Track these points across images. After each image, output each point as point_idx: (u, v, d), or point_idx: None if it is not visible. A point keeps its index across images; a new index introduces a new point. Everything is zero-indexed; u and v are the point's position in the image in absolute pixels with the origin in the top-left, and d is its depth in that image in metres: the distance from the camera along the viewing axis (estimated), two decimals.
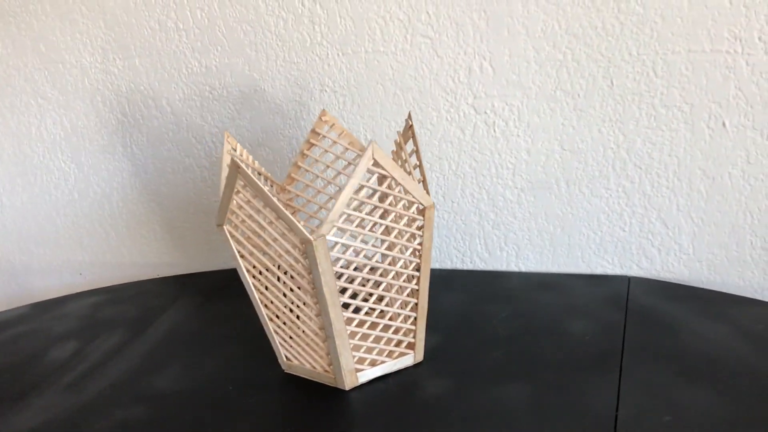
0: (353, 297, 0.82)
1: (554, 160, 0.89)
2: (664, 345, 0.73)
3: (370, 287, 0.69)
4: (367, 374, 0.71)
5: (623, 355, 0.72)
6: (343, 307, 0.67)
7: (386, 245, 0.68)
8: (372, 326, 0.73)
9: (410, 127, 0.71)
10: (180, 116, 1.04)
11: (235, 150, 0.75)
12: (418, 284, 0.71)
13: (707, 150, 0.82)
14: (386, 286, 0.70)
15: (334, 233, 0.61)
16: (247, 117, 1.01)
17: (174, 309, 0.96)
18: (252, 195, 0.65)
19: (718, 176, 0.83)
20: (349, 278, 0.70)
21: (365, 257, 0.72)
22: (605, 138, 0.86)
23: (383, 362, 0.72)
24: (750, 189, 0.82)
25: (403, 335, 0.72)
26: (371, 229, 0.67)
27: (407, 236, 0.69)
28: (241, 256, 0.70)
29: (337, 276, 0.65)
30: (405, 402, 0.68)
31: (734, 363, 0.68)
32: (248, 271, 0.70)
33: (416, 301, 0.71)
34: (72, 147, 1.12)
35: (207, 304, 0.96)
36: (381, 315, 0.72)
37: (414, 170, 0.71)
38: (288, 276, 0.69)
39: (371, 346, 0.70)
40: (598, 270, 0.92)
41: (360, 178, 0.62)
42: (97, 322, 0.95)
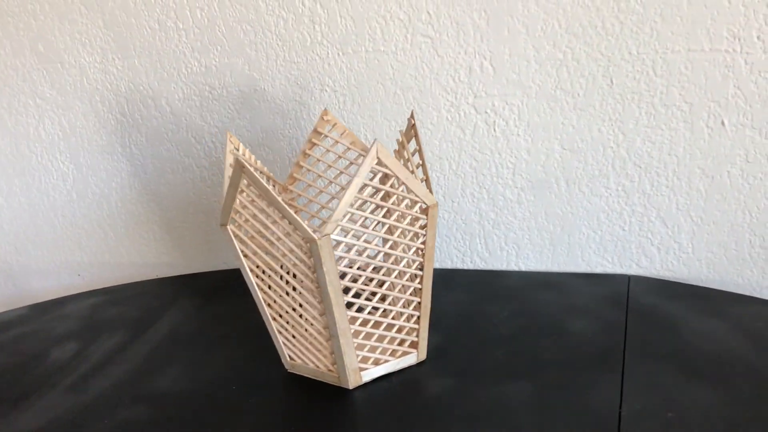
0: (357, 296, 0.82)
1: (554, 160, 0.89)
2: (665, 343, 0.73)
3: (374, 286, 0.69)
4: (371, 373, 0.71)
5: (625, 353, 0.72)
6: (347, 306, 0.67)
7: (389, 244, 0.69)
8: (375, 325, 0.73)
9: (413, 126, 0.71)
10: (179, 116, 1.04)
11: (238, 150, 0.75)
12: (421, 283, 0.71)
13: (706, 149, 0.83)
14: (389, 285, 0.70)
15: (338, 232, 0.62)
16: (247, 117, 1.01)
17: (174, 309, 0.96)
18: (256, 194, 0.65)
19: (717, 175, 0.84)
20: (353, 277, 0.70)
21: (368, 256, 0.72)
22: (605, 137, 0.86)
23: (387, 361, 0.72)
24: (749, 188, 0.83)
25: (407, 334, 0.73)
26: (375, 228, 0.67)
27: (410, 235, 0.69)
28: (245, 256, 0.70)
29: (341, 275, 0.65)
30: (409, 401, 0.69)
31: (735, 360, 0.69)
32: (251, 271, 0.70)
33: (419, 300, 0.72)
34: (70, 147, 1.11)
35: (207, 305, 0.96)
36: (384, 314, 0.72)
37: (417, 169, 0.71)
38: (291, 275, 0.69)
39: (375, 345, 0.70)
40: (598, 269, 0.93)
41: (364, 177, 0.63)
42: (97, 323, 0.95)
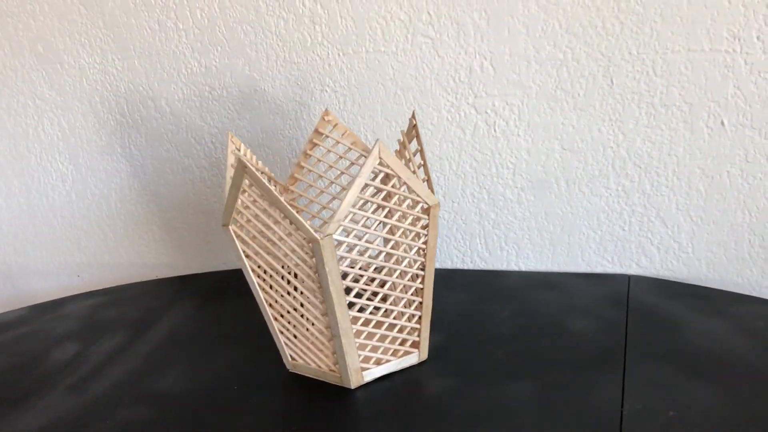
0: (358, 296, 0.82)
1: (554, 160, 0.89)
2: (666, 342, 0.73)
3: (376, 286, 0.69)
4: (373, 373, 0.71)
5: (626, 353, 0.72)
6: (349, 306, 0.67)
7: (391, 244, 0.69)
8: (377, 325, 0.73)
9: (414, 127, 0.71)
10: (179, 117, 1.04)
11: (239, 150, 0.75)
12: (423, 283, 0.71)
13: (706, 149, 0.83)
14: (391, 285, 0.70)
15: (340, 232, 0.62)
16: (247, 117, 1.01)
17: (174, 310, 0.96)
18: (258, 195, 0.65)
19: (717, 175, 0.84)
20: (355, 277, 0.71)
21: (370, 256, 0.72)
22: (605, 137, 0.86)
23: (388, 361, 0.72)
24: (748, 187, 0.83)
25: (408, 334, 0.73)
26: (376, 228, 0.67)
27: (412, 235, 0.69)
28: (246, 256, 0.70)
29: (343, 275, 0.65)
30: (410, 400, 0.69)
31: (736, 360, 0.69)
32: (253, 271, 0.70)
33: (421, 300, 0.72)
34: (70, 148, 1.11)
35: (207, 305, 0.96)
36: (386, 314, 0.73)
37: (418, 169, 0.71)
38: (293, 275, 0.69)
39: (376, 345, 0.70)
40: (598, 269, 0.93)
41: (366, 177, 0.63)
42: (98, 324, 0.94)
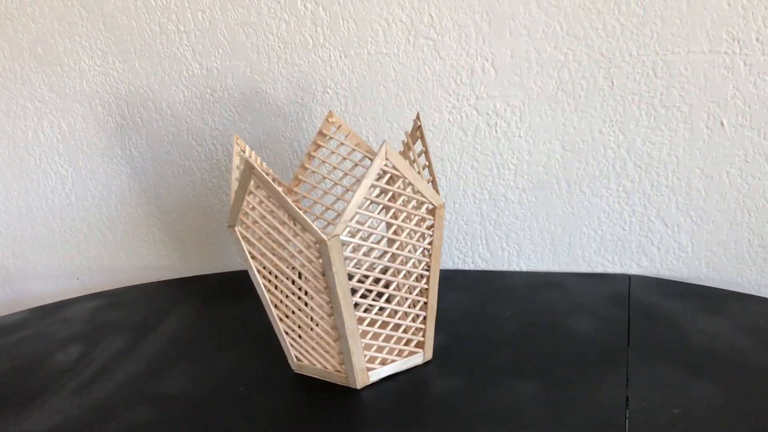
0: (364, 297, 0.82)
1: (555, 160, 0.90)
2: (668, 341, 0.74)
3: (381, 286, 0.69)
4: (378, 373, 0.72)
5: (629, 351, 0.73)
6: (354, 306, 0.67)
7: (397, 245, 0.69)
8: (383, 325, 0.73)
9: (419, 128, 0.71)
10: (180, 119, 1.04)
11: (244, 152, 0.75)
12: (428, 283, 0.71)
13: (706, 149, 0.84)
14: (396, 286, 0.70)
15: (345, 233, 0.62)
16: (249, 119, 1.01)
17: (176, 312, 0.96)
18: (265, 196, 0.65)
19: (717, 175, 0.85)
20: (360, 278, 0.71)
21: (375, 257, 0.73)
22: (606, 138, 0.87)
23: (393, 361, 0.72)
24: (748, 187, 0.84)
25: (413, 334, 0.73)
26: (381, 229, 0.68)
27: (417, 236, 0.69)
28: (252, 257, 0.70)
29: (348, 276, 0.65)
30: (416, 400, 0.69)
31: (738, 357, 0.70)
32: (259, 272, 0.71)
33: (426, 301, 0.72)
34: (69, 150, 1.11)
35: (209, 307, 0.96)
36: (391, 314, 0.73)
37: (423, 170, 0.72)
38: (299, 276, 0.70)
39: (382, 345, 0.71)
40: (599, 269, 0.94)
41: (373, 179, 0.63)
42: (100, 327, 0.94)
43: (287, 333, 0.73)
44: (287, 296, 0.71)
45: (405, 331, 0.73)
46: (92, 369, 0.82)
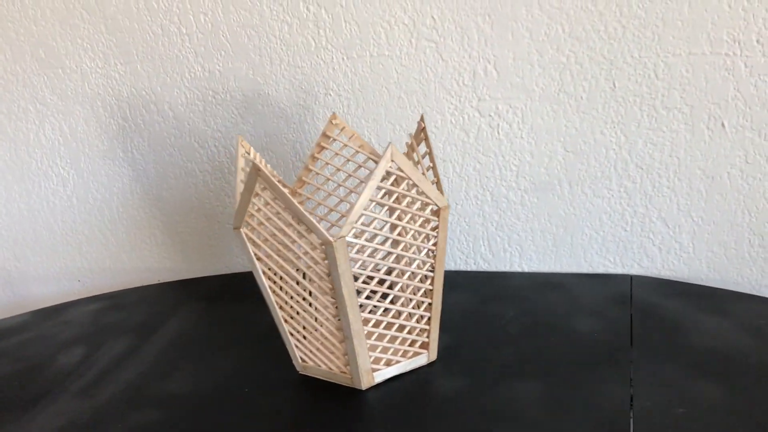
0: (369, 297, 0.83)
1: (557, 162, 0.90)
2: (671, 340, 0.74)
3: (386, 288, 0.69)
4: (383, 374, 0.72)
5: (632, 351, 0.73)
6: (360, 308, 0.67)
7: (401, 246, 0.69)
8: (387, 326, 0.74)
9: (423, 130, 0.72)
10: (182, 121, 1.04)
11: (249, 154, 0.75)
12: (432, 285, 0.72)
13: (707, 150, 0.85)
14: (401, 287, 0.71)
15: (350, 234, 0.62)
16: (251, 121, 1.01)
17: (179, 314, 0.96)
18: (270, 198, 0.65)
19: (718, 176, 0.85)
20: (364, 279, 0.71)
21: (380, 258, 0.73)
22: (607, 139, 0.87)
23: (398, 362, 0.73)
24: (748, 188, 0.85)
25: (417, 335, 0.73)
26: (386, 230, 0.68)
27: (422, 237, 0.70)
28: (258, 259, 0.70)
29: (354, 277, 0.65)
30: (421, 400, 0.69)
31: (740, 357, 0.70)
32: (264, 273, 0.71)
33: (430, 301, 0.72)
34: (71, 152, 1.11)
35: (212, 309, 0.96)
36: (396, 315, 0.73)
37: (427, 171, 0.72)
38: (304, 277, 0.70)
39: (387, 346, 0.71)
40: (600, 269, 0.94)
41: (379, 180, 0.63)
42: (102, 329, 0.94)
43: (292, 334, 0.74)
44: (292, 297, 0.71)
45: (410, 332, 0.73)
46: (95, 371, 0.82)
